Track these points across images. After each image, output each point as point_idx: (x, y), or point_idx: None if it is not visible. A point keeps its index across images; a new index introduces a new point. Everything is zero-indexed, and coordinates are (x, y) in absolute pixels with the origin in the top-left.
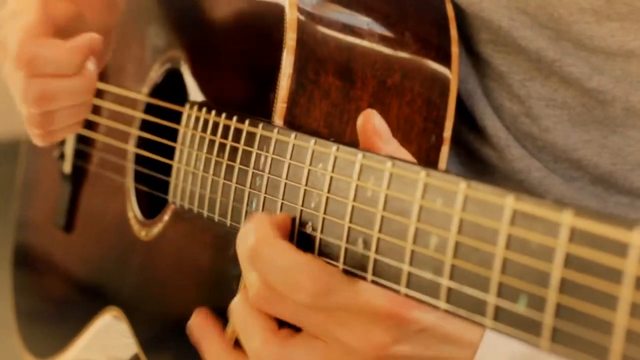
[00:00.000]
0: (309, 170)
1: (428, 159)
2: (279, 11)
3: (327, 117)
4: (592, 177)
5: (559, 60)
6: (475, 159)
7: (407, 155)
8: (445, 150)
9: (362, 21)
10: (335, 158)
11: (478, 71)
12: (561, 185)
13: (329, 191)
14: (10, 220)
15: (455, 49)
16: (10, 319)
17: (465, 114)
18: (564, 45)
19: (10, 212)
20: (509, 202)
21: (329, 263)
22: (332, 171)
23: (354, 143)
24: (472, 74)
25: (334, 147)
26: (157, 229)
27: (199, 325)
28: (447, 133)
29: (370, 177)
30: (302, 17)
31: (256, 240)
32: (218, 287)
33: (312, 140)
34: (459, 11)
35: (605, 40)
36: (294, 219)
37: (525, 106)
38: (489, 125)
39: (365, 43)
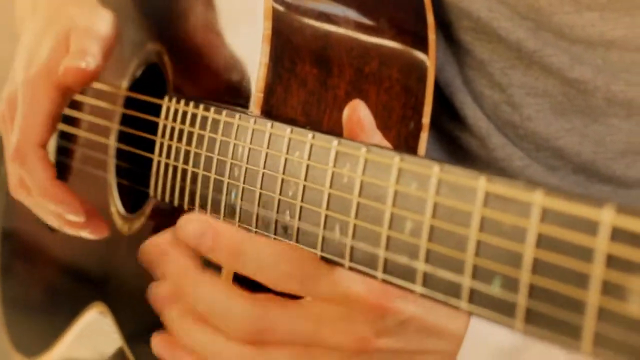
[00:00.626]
0: (286, 159)
1: (407, 146)
2: (255, 1)
3: (304, 106)
4: (574, 165)
5: (540, 51)
6: (457, 148)
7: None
8: (424, 136)
9: (338, 9)
10: (311, 146)
11: (458, 59)
12: (543, 173)
13: (305, 179)
14: None
15: (432, 35)
16: None
17: (445, 103)
18: (544, 36)
19: None
20: (482, 184)
21: (307, 250)
22: (309, 159)
23: (331, 131)
24: (451, 62)
25: (310, 134)
26: (139, 222)
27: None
28: (426, 119)
29: (345, 163)
30: (277, 6)
31: (234, 241)
32: None
33: (288, 128)
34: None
35: (586, 30)
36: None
37: (506, 94)
38: (469, 114)
39: (341, 31)
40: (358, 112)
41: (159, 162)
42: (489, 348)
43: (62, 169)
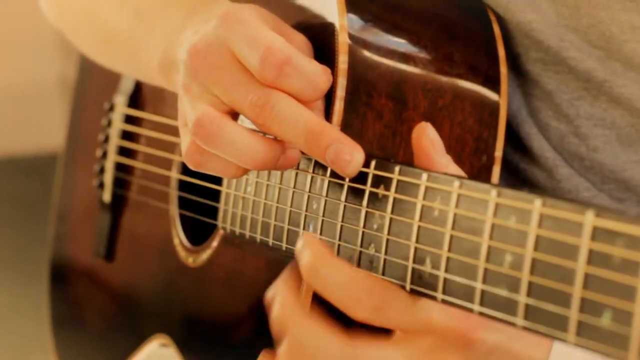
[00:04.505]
0: (370, 192)
1: (480, 179)
2: (330, 35)
3: (380, 139)
4: None
5: (609, 81)
6: (522, 180)
7: (460, 172)
8: (497, 169)
9: (411, 44)
10: (398, 181)
11: (524, 91)
12: (610, 205)
13: (392, 212)
14: (48, 237)
15: (504, 69)
16: (47, 343)
17: (510, 135)
18: (613, 66)
19: (47, 228)
20: (589, 218)
21: (394, 283)
22: (395, 192)
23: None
24: (517, 93)
25: (397, 168)
26: (205, 255)
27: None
28: (499, 153)
29: (437, 196)
30: (352, 41)
31: (312, 259)
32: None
33: (373, 161)
34: (508, 30)
35: None
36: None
37: (573, 125)
38: (535, 145)
39: (415, 65)
40: (427, 134)
41: (227, 194)
42: None
43: (121, 202)
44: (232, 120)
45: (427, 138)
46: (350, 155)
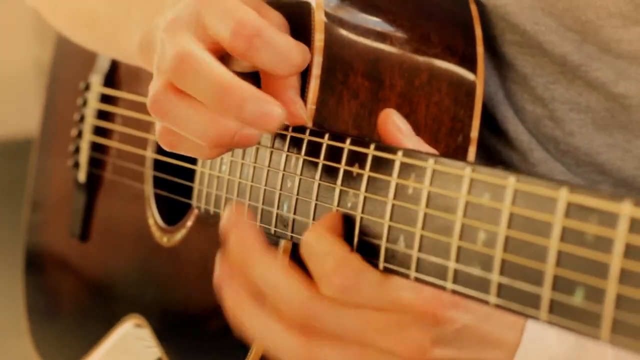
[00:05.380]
0: (344, 171)
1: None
2: (306, 13)
3: (355, 118)
4: (615, 181)
5: (585, 65)
6: (497, 162)
7: (433, 152)
8: (472, 150)
9: (388, 22)
10: (373, 159)
11: (500, 73)
12: None
13: (366, 191)
14: (22, 223)
15: (480, 49)
16: (22, 328)
17: (486, 117)
18: (588, 50)
19: (22, 213)
20: (563, 194)
21: (367, 261)
22: (370, 170)
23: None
24: (493, 76)
25: (372, 145)
26: (180, 234)
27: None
28: (474, 133)
29: (411, 174)
30: (329, 19)
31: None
32: None
33: (348, 139)
34: (484, 13)
35: (633, 44)
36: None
37: (548, 109)
38: (510, 128)
39: (391, 44)
40: (392, 118)
41: (202, 173)
42: (543, 358)
43: (96, 181)
44: (185, 95)
45: (393, 123)
46: (269, 110)
